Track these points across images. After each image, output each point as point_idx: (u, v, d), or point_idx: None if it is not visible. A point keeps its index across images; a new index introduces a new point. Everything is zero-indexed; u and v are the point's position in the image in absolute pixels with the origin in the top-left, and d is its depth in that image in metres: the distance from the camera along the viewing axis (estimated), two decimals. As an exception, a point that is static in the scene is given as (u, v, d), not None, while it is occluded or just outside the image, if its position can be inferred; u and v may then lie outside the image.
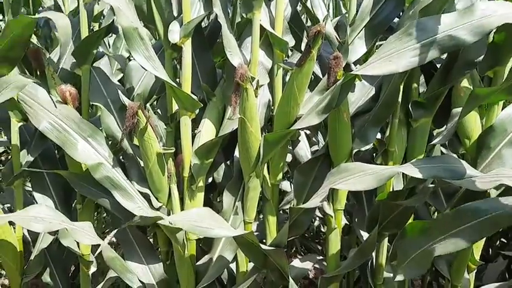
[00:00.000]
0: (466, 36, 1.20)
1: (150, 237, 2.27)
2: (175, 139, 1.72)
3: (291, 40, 1.61)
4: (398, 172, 1.27)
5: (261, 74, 1.60)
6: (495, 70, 1.45)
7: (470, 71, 1.47)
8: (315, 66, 1.96)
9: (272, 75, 1.62)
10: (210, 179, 1.80)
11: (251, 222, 1.64)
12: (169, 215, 1.65)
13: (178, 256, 1.65)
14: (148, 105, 1.94)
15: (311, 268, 1.83)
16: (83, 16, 1.68)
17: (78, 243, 1.75)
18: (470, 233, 1.21)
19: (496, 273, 2.16)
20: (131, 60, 1.99)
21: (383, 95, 1.55)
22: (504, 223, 1.20)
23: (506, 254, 2.37)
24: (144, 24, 1.72)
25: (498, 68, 1.44)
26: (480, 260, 1.63)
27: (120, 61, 2.21)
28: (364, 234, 1.83)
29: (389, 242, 1.72)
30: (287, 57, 1.75)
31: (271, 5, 1.61)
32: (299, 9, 2.07)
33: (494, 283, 1.68)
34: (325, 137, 2.03)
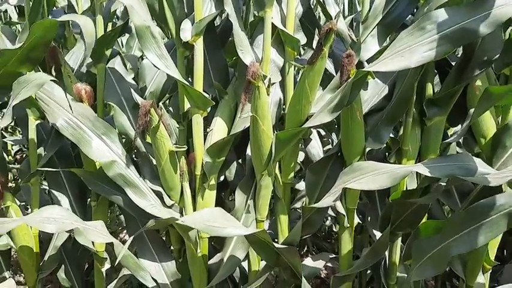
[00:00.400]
0: (481, 28, 1.18)
1: (163, 235, 2.28)
2: (187, 137, 1.73)
3: (302, 38, 1.60)
4: (413, 171, 1.25)
5: (273, 72, 1.59)
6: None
7: (486, 68, 1.44)
8: (329, 64, 1.95)
9: (284, 73, 1.62)
10: (222, 177, 1.80)
11: (263, 221, 1.64)
12: (181, 213, 1.67)
13: (191, 254, 1.65)
14: (161, 104, 1.96)
15: (323, 267, 1.81)
16: (98, 16, 1.70)
17: (92, 241, 1.76)
18: (485, 230, 1.19)
19: (512, 274, 2.12)
20: (144, 59, 2.01)
21: (397, 93, 1.53)
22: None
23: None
24: (157, 23, 1.73)
25: (515, 65, 1.42)
26: (495, 260, 1.60)
27: (132, 60, 2.23)
28: (377, 233, 1.82)
29: (402, 241, 1.70)
30: (299, 55, 1.74)
31: (283, 3, 1.60)
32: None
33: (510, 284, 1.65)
34: (338, 137, 2.02)
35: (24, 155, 3.76)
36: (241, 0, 1.84)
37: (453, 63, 1.57)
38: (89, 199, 1.92)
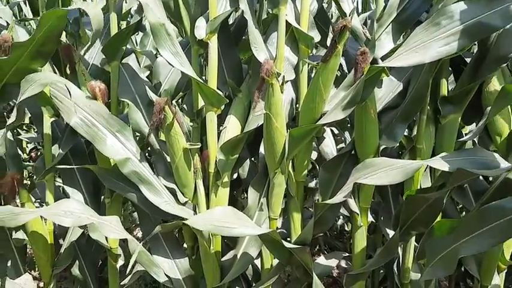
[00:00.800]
0: (497, 22, 1.17)
1: (176, 232, 2.29)
2: (201, 135, 1.74)
3: (316, 35, 1.60)
4: (426, 165, 1.24)
5: (287, 69, 1.59)
6: (528, 65, 1.41)
7: (501, 65, 1.43)
8: (342, 62, 1.95)
9: (297, 71, 1.62)
10: (235, 175, 1.81)
11: (276, 219, 1.64)
12: (195, 210, 1.67)
13: (204, 251, 1.66)
14: (174, 102, 1.97)
15: (335, 266, 1.81)
16: (112, 14, 1.71)
17: (106, 237, 1.78)
18: (495, 232, 1.17)
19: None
20: (157, 57, 2.02)
21: (411, 90, 1.53)
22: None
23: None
24: (171, 21, 1.74)
25: (531, 62, 1.40)
26: (511, 260, 1.59)
27: (150, 58, 2.24)
28: (390, 232, 1.81)
29: (416, 241, 1.69)
30: (312, 53, 1.74)
31: (297, 0, 1.60)
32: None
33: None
34: (351, 135, 2.02)
35: (39, 153, 3.80)
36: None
37: (468, 61, 1.56)
38: (102, 196, 1.94)
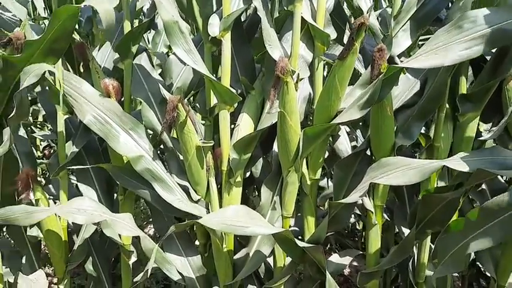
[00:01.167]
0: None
1: (188, 229, 2.29)
2: (213, 133, 1.73)
3: (332, 32, 1.58)
4: (443, 166, 1.23)
5: (302, 67, 1.58)
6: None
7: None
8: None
9: (313, 69, 1.60)
10: (248, 173, 1.80)
11: (289, 217, 1.62)
12: (207, 208, 1.67)
13: (216, 249, 1.66)
14: (185, 100, 1.96)
15: (349, 263, 1.80)
16: (126, 12, 1.70)
17: (119, 234, 1.78)
18: (498, 228, 1.17)
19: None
20: (169, 55, 2.02)
21: (429, 88, 1.50)
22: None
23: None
24: (183, 18, 1.73)
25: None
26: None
27: (160, 57, 2.24)
28: (405, 231, 1.79)
29: (431, 241, 1.67)
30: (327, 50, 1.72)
31: (313, -3, 1.58)
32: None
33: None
34: (363, 133, 1.99)
35: (52, 150, 3.83)
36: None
37: (488, 58, 1.52)
38: (115, 193, 1.94)
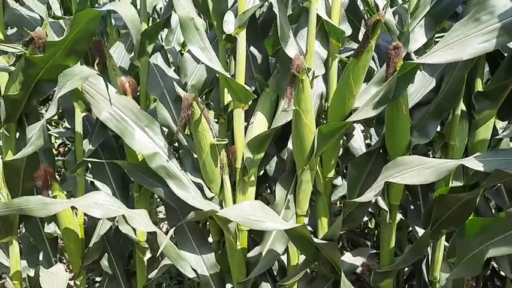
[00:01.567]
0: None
1: (201, 226, 2.31)
2: (227, 130, 1.73)
3: (347, 29, 1.57)
4: (460, 165, 1.22)
5: (317, 64, 1.57)
6: None
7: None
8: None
9: (327, 66, 1.59)
10: (261, 171, 1.80)
11: (303, 215, 1.62)
12: (221, 205, 1.67)
13: (230, 246, 1.66)
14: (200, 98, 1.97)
15: (362, 262, 1.79)
16: (142, 10, 1.72)
17: (134, 230, 1.80)
18: None
19: None
20: (183, 53, 2.02)
21: (445, 86, 1.48)
22: None
23: None
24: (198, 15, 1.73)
25: None
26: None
27: (173, 55, 2.25)
28: (419, 230, 1.77)
29: (446, 240, 1.66)
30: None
31: (328, -7, 1.57)
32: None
33: None
34: (378, 131, 1.98)
35: (67, 148, 3.87)
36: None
37: (505, 54, 1.51)
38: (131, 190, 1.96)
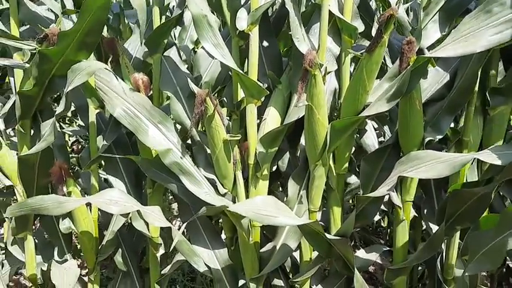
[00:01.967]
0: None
1: (213, 223, 2.31)
2: (240, 127, 1.74)
3: (360, 25, 1.57)
4: (473, 158, 1.21)
5: (329, 60, 1.57)
6: None
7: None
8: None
9: (340, 62, 1.59)
10: (274, 167, 1.80)
11: (316, 211, 1.62)
12: (234, 201, 1.68)
13: (243, 242, 1.67)
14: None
15: (376, 259, 1.78)
16: (155, 6, 1.73)
17: (148, 226, 1.82)
18: None
19: None
20: (196, 50, 2.04)
21: (458, 81, 1.48)
22: None
23: None
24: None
25: None
26: None
27: (185, 52, 2.26)
28: (433, 227, 1.76)
29: (460, 238, 1.65)
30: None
31: (341, -10, 1.57)
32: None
33: None
34: (391, 128, 1.98)
35: (80, 146, 3.91)
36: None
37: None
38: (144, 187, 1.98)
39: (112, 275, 2.55)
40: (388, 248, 1.87)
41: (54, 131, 1.58)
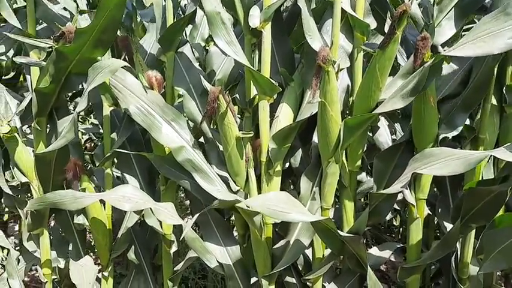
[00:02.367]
0: None
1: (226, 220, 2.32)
2: (252, 124, 1.74)
3: (372, 22, 1.56)
4: (490, 156, 1.20)
5: (342, 57, 1.57)
6: None
7: None
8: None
9: (352, 59, 1.59)
10: (286, 164, 1.80)
11: (328, 209, 1.62)
12: (246, 198, 1.68)
13: (255, 239, 1.67)
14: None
15: (389, 257, 1.78)
16: (168, 5, 1.74)
17: (161, 223, 1.83)
18: None
19: None
20: (207, 49, 2.04)
21: (474, 78, 1.46)
22: None
23: None
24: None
25: None
26: None
27: (198, 49, 2.27)
28: (447, 225, 1.75)
29: (475, 237, 1.63)
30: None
31: (353, -13, 1.57)
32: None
33: None
34: (403, 126, 1.96)
35: (93, 144, 3.95)
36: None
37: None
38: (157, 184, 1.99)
39: (125, 272, 2.57)
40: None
41: (75, 128, 1.59)
